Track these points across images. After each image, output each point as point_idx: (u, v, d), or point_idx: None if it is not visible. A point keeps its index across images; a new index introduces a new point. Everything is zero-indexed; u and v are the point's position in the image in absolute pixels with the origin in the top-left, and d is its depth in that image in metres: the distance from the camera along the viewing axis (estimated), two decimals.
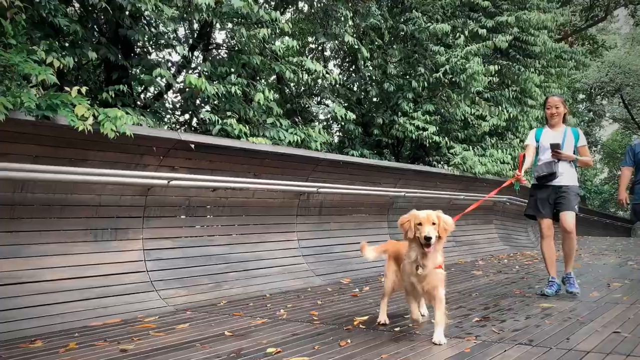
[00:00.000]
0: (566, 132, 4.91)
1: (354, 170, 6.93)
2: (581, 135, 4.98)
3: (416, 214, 3.15)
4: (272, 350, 3.06)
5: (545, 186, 4.82)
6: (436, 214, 3.14)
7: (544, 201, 4.81)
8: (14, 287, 3.74)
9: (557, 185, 4.80)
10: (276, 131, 5.98)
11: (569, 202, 4.75)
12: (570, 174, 4.85)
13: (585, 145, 4.99)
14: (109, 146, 4.20)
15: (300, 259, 6.11)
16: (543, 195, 4.82)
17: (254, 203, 5.75)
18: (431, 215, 3.11)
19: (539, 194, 4.89)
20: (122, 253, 4.47)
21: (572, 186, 4.82)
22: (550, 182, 4.79)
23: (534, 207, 4.95)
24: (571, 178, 4.85)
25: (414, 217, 3.13)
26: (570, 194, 4.77)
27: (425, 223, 3.06)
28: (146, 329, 3.63)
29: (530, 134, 5.15)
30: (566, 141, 4.86)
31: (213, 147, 5.00)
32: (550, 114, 4.96)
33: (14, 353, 3.04)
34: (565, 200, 4.76)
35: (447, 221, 3.16)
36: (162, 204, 4.82)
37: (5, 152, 3.72)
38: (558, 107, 4.90)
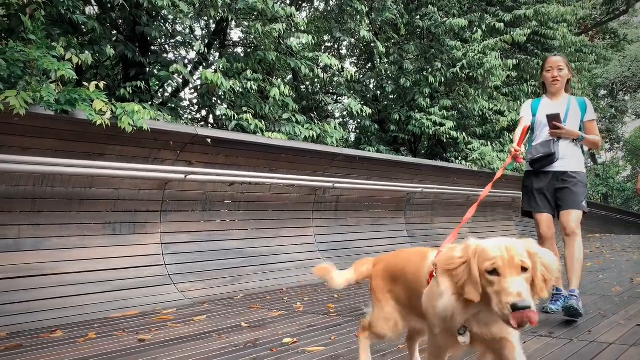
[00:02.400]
0: (570, 103, 3.79)
1: (370, 166, 6.90)
2: (589, 107, 3.82)
3: (483, 247, 1.54)
4: (289, 341, 3.06)
5: (542, 173, 3.71)
6: (526, 247, 1.54)
7: (541, 192, 3.74)
8: (36, 279, 3.80)
9: (559, 172, 3.70)
10: (292, 126, 5.99)
11: (574, 195, 3.65)
12: (575, 157, 3.73)
13: (594, 119, 3.82)
14: (126, 141, 4.25)
15: (317, 254, 6.10)
16: (540, 184, 3.72)
17: (270, 198, 5.76)
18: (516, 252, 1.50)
19: (535, 182, 3.77)
20: (140, 247, 4.52)
21: (578, 173, 3.70)
22: (548, 166, 3.69)
23: (528, 201, 3.85)
24: (576, 162, 3.72)
25: (477, 254, 1.54)
26: (577, 184, 3.66)
27: (507, 270, 1.47)
28: (164, 321, 3.66)
29: (525, 105, 4.02)
30: (570, 114, 3.75)
31: (229, 142, 5.02)
32: (551, 78, 3.78)
33: (35, 342, 3.09)
34: (570, 193, 3.66)
35: (549, 264, 1.56)
36: (179, 198, 4.85)
37: (26, 147, 3.79)
38: (561, 69, 3.76)
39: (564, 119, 3.70)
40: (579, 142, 3.76)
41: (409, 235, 7.64)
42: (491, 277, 1.48)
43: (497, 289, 1.47)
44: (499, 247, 1.50)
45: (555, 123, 3.63)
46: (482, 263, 1.50)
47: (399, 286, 2.04)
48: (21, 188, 3.83)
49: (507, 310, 1.42)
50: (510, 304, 1.41)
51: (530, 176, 3.82)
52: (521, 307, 1.39)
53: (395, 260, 2.14)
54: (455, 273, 1.54)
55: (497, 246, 1.51)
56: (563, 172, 3.68)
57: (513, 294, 1.42)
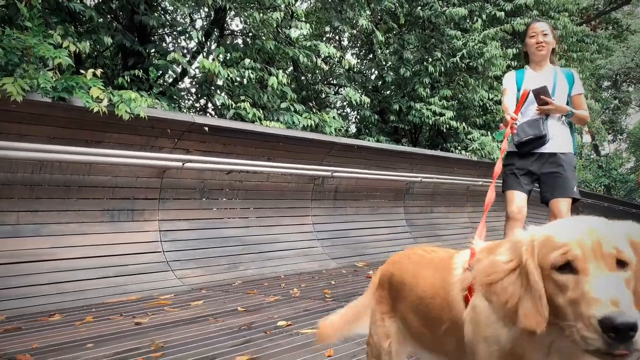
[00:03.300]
0: (557, 75, 3.43)
1: (368, 155, 6.91)
2: (577, 80, 3.49)
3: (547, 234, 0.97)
4: (283, 324, 3.10)
5: (529, 154, 3.39)
6: (627, 232, 0.95)
7: (523, 171, 3.42)
8: (35, 265, 3.84)
9: (547, 153, 3.37)
10: (290, 116, 6.00)
11: (564, 181, 3.33)
12: (564, 136, 3.42)
13: (582, 93, 3.48)
14: (124, 128, 4.28)
15: (315, 243, 6.13)
16: (524, 163, 3.40)
17: (268, 187, 5.79)
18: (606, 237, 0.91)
19: (517, 162, 3.42)
20: (139, 233, 4.55)
21: (568, 155, 3.39)
22: (538, 149, 3.36)
23: (507, 181, 3.51)
24: (565, 142, 3.41)
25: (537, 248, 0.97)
26: (566, 168, 3.35)
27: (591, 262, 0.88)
28: (161, 306, 3.70)
29: (508, 77, 3.62)
30: (558, 87, 3.40)
31: (227, 130, 5.04)
32: (535, 44, 3.41)
33: (33, 325, 3.14)
34: (561, 179, 3.34)
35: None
36: (177, 186, 4.88)
37: (23, 134, 3.82)
38: (546, 35, 3.40)
39: (552, 92, 3.35)
40: (568, 119, 3.44)
41: (408, 225, 7.66)
42: (563, 277, 0.89)
43: (573, 295, 0.87)
44: (575, 228, 0.92)
45: (543, 98, 3.27)
46: (547, 256, 0.92)
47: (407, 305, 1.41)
48: (19, 175, 3.86)
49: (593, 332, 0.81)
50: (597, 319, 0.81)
51: (513, 156, 3.47)
52: (620, 325, 0.79)
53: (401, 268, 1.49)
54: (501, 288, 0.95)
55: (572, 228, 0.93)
56: (553, 154, 3.37)
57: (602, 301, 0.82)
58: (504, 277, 0.97)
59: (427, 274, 1.36)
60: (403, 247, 7.06)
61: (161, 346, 2.64)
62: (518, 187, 3.41)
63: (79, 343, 2.72)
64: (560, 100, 3.38)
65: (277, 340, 2.75)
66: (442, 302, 1.26)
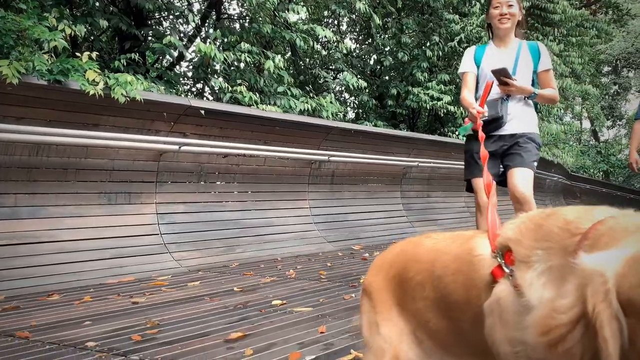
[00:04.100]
0: (520, 50, 3.20)
1: (365, 140, 6.93)
2: (544, 54, 3.22)
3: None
4: (278, 302, 3.15)
5: (487, 136, 2.93)
6: None
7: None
8: (33, 246, 3.89)
9: (507, 135, 3.16)
10: (287, 100, 6.01)
11: (524, 152, 3.11)
12: (527, 117, 3.21)
13: (550, 69, 3.21)
14: (120, 111, 4.29)
15: (312, 226, 6.19)
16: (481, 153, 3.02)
17: (265, 171, 5.82)
18: None
19: (476, 146, 3.08)
20: (136, 216, 4.59)
21: (529, 134, 3.17)
22: (496, 131, 3.13)
23: (469, 167, 3.29)
24: (528, 123, 3.21)
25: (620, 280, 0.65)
26: (527, 144, 3.14)
27: None
28: (159, 286, 3.75)
29: (467, 55, 3.35)
30: (521, 64, 3.17)
31: (223, 113, 5.06)
32: (498, 16, 3.15)
33: (32, 304, 3.19)
34: (519, 151, 3.12)
35: None
36: (174, 169, 4.91)
37: (20, 116, 3.84)
38: (511, 6, 3.14)
39: (513, 71, 3.11)
40: (532, 99, 3.21)
41: (405, 209, 7.71)
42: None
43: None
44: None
45: (503, 78, 3.04)
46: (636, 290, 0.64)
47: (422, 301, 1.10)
48: (16, 157, 3.89)
49: None
50: None
51: (472, 140, 3.22)
52: None
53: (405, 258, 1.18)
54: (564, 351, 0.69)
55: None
56: (513, 135, 3.16)
57: None
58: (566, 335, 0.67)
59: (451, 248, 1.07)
60: (399, 231, 7.12)
61: (157, 323, 2.69)
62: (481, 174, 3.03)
63: (77, 321, 2.77)
64: (523, 79, 3.13)
65: (272, 317, 2.81)
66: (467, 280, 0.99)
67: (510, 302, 0.87)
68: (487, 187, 1.44)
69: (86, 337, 2.46)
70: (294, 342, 2.36)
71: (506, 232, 0.95)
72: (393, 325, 1.13)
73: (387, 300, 1.16)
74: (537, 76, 3.23)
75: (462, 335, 1.04)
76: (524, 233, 0.90)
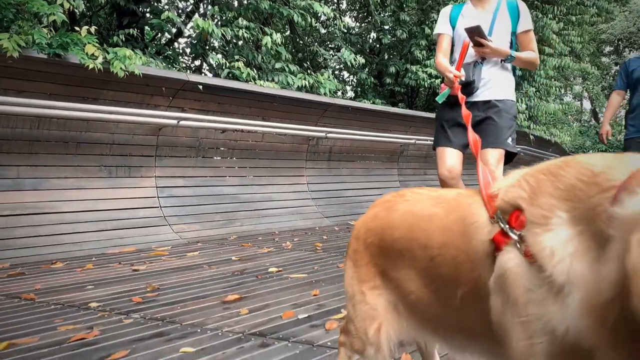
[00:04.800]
0: (498, 9, 2.97)
1: (363, 117, 6.99)
2: (523, 13, 2.98)
3: None
4: (274, 270, 3.26)
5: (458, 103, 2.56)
6: None
7: (453, 123, 2.94)
8: (36, 217, 3.99)
9: (480, 101, 2.92)
10: (285, 76, 6.04)
11: (496, 130, 2.88)
12: (503, 82, 2.97)
13: (530, 30, 2.97)
14: (119, 86, 4.35)
15: (309, 202, 6.28)
16: (453, 114, 2.89)
17: (263, 147, 5.89)
18: None
19: (447, 113, 2.99)
20: (136, 189, 4.68)
21: (505, 102, 2.94)
22: (468, 97, 2.85)
23: (436, 135, 3.08)
24: (504, 88, 2.96)
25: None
26: (501, 116, 2.91)
27: None
28: (159, 256, 3.86)
29: (442, 15, 3.13)
30: (498, 24, 2.94)
31: (221, 89, 5.11)
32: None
33: (36, 271, 3.30)
34: (491, 126, 2.89)
35: None
36: (173, 144, 4.99)
37: (20, 90, 3.90)
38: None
39: (489, 32, 2.90)
40: (509, 62, 2.98)
41: (402, 186, 7.80)
42: None
43: None
44: None
45: (477, 38, 2.81)
46: None
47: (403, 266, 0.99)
48: (18, 130, 3.96)
49: None
50: None
51: (443, 107, 3.04)
52: None
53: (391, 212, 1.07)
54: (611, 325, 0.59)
55: None
56: (486, 102, 2.93)
57: None
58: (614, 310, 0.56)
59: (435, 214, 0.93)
60: None
61: (157, 287, 2.80)
62: (447, 143, 2.98)
63: (80, 285, 2.88)
64: (500, 40, 2.91)
65: (267, 283, 2.91)
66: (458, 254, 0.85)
67: (521, 274, 0.71)
68: (473, 144, 1.37)
69: (89, 299, 2.57)
70: (288, 303, 2.46)
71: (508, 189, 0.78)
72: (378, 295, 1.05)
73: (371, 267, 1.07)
74: (517, 38, 2.99)
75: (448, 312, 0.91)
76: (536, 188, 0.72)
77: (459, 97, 2.30)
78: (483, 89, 2.92)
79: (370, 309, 1.05)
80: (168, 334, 2.01)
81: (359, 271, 1.10)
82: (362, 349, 1.09)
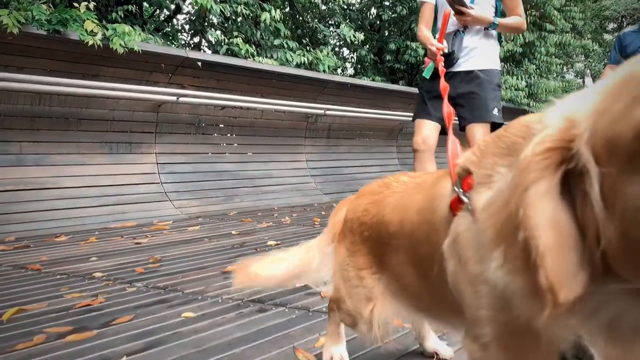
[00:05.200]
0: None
1: (362, 94, 7.01)
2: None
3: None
4: (272, 243, 3.34)
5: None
6: None
7: (434, 95, 2.81)
8: (39, 192, 4.06)
9: (462, 72, 2.83)
10: (283, 52, 6.05)
11: (480, 102, 2.80)
12: (486, 50, 2.87)
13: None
14: (119, 62, 4.38)
15: (308, 179, 6.35)
16: (435, 86, 2.61)
17: (262, 124, 5.93)
18: None
19: (427, 86, 2.90)
20: (137, 165, 4.75)
21: (488, 71, 2.85)
22: (449, 68, 2.77)
23: (417, 108, 3.02)
24: (487, 57, 2.87)
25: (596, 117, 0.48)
26: (485, 87, 2.81)
27: None
28: (160, 230, 3.95)
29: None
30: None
31: (220, 65, 5.13)
32: None
33: (41, 244, 3.39)
34: (475, 99, 2.80)
35: None
36: (173, 120, 5.03)
37: (21, 66, 3.93)
38: None
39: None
40: (493, 30, 2.88)
41: (400, 163, 7.85)
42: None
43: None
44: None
45: (457, 6, 2.71)
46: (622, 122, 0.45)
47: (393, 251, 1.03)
48: (19, 106, 4.01)
49: None
50: None
51: (426, 80, 2.94)
52: None
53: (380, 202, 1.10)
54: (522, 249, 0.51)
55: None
56: (469, 72, 2.83)
57: None
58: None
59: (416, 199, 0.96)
60: None
61: (159, 259, 2.89)
62: (425, 115, 2.91)
63: (84, 257, 2.96)
64: (483, 7, 2.82)
65: None
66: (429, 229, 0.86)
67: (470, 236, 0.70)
68: (447, 116, 1.30)
69: (93, 269, 2.65)
70: None
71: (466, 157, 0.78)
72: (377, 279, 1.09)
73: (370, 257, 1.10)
74: (502, 2, 2.91)
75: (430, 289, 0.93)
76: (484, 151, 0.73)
77: (439, 70, 2.22)
78: (466, 59, 2.84)
79: (367, 291, 1.10)
80: (170, 301, 2.10)
81: (356, 260, 1.13)
82: (354, 325, 1.17)
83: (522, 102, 9.94)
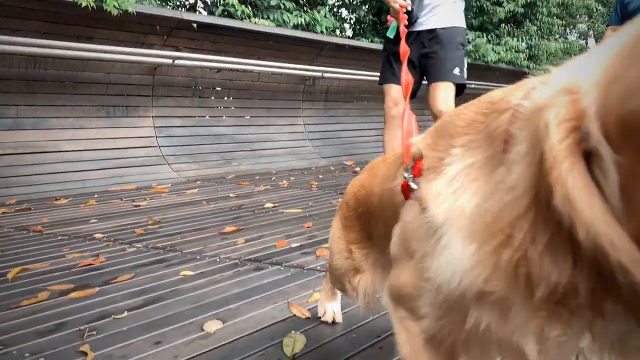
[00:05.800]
0: None
1: (360, 56, 6.94)
2: None
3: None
4: (270, 205, 3.39)
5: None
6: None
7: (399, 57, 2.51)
8: (38, 156, 4.09)
9: (425, 31, 2.76)
10: (280, 13, 5.96)
11: (440, 62, 2.74)
12: (449, 7, 2.81)
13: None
14: (113, 24, 4.33)
15: (306, 142, 6.37)
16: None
17: (259, 87, 5.90)
18: None
19: (392, 46, 2.83)
20: (134, 129, 4.76)
21: (450, 29, 2.78)
22: (410, 28, 2.70)
23: (383, 71, 2.98)
24: (449, 14, 2.80)
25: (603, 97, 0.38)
26: (445, 46, 2.74)
27: None
28: (159, 193, 4.00)
29: None
30: None
31: (215, 27, 5.07)
32: None
33: (42, 206, 3.44)
34: (435, 59, 2.75)
35: None
36: (169, 83, 5.01)
37: (14, 28, 3.89)
38: None
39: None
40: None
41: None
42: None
43: None
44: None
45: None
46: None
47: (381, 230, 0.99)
48: (15, 70, 3.99)
49: None
50: None
51: (390, 40, 2.87)
52: None
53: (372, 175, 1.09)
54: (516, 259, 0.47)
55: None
56: (431, 31, 2.76)
57: None
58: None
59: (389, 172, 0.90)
60: None
61: (158, 221, 2.94)
62: (393, 79, 2.86)
63: (84, 219, 3.02)
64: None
65: (263, 216, 3.06)
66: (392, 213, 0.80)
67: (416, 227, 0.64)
68: (405, 87, 1.19)
69: (94, 230, 2.71)
70: (282, 234, 2.61)
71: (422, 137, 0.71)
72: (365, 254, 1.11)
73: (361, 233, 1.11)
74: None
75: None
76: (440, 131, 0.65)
77: (401, 31, 2.09)
78: (428, 16, 2.76)
79: (356, 264, 1.13)
80: (169, 260, 2.16)
81: (349, 234, 1.15)
82: (343, 291, 1.24)
83: (523, 64, 9.84)
